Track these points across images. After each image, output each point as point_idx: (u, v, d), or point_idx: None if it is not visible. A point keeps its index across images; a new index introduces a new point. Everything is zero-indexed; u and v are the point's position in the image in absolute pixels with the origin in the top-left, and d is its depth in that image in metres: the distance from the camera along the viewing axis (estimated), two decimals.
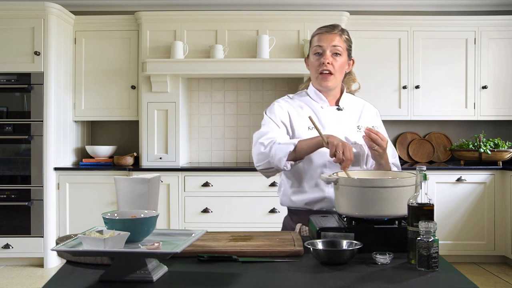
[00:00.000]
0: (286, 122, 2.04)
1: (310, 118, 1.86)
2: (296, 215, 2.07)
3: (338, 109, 2.08)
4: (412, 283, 1.29)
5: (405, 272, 1.37)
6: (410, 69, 4.76)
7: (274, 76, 4.72)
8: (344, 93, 2.11)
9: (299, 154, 1.89)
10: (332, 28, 2.03)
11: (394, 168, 2.02)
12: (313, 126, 1.97)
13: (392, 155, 2.05)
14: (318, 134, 1.84)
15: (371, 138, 1.89)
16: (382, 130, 2.10)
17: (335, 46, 2.00)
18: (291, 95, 2.15)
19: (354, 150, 1.91)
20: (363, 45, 4.73)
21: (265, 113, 2.09)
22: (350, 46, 2.07)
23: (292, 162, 1.90)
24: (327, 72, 2.01)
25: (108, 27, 4.75)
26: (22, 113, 4.42)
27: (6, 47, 4.41)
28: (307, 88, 2.15)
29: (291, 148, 1.87)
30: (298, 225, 2.00)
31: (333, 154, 1.77)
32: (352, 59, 2.11)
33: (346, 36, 2.05)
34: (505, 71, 4.78)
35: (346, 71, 2.09)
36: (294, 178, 2.04)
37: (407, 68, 4.76)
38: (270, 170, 1.96)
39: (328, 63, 1.99)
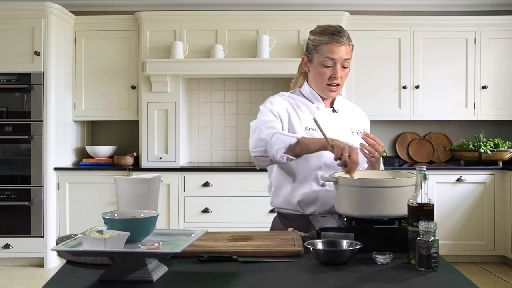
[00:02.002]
0: (284, 118, 1.97)
1: (315, 120, 1.80)
2: (286, 218, 2.03)
3: (333, 111, 2.04)
4: (412, 283, 1.29)
5: (405, 272, 1.37)
6: (410, 69, 4.76)
7: (274, 76, 4.72)
8: (338, 95, 2.07)
9: (299, 151, 1.81)
10: (344, 38, 1.93)
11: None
12: (313, 127, 1.93)
13: None
14: (322, 137, 1.77)
15: (369, 143, 1.85)
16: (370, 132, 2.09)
17: (346, 59, 1.94)
18: (285, 94, 2.08)
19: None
20: (363, 45, 4.73)
21: (262, 106, 2.01)
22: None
23: (289, 156, 1.81)
24: (336, 84, 1.97)
25: (108, 27, 4.75)
26: (22, 113, 4.42)
27: (6, 47, 4.41)
28: (300, 87, 2.10)
29: (293, 140, 1.79)
30: (290, 229, 1.95)
31: (338, 157, 1.71)
32: None
33: (352, 44, 1.98)
34: (505, 71, 4.78)
35: None
36: (287, 178, 1.99)
37: (407, 68, 4.76)
38: (264, 159, 1.87)
39: (339, 77, 1.95)
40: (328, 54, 1.93)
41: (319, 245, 1.49)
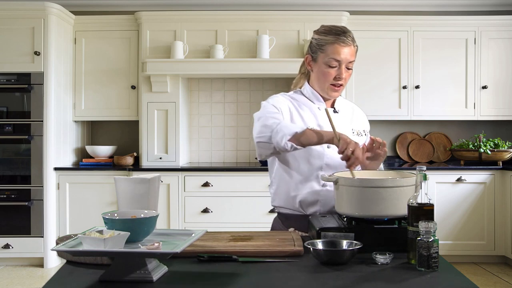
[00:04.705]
0: (286, 116, 1.95)
1: (326, 110, 1.80)
2: (287, 219, 2.02)
3: (335, 111, 2.03)
4: (412, 283, 1.29)
5: (405, 272, 1.37)
6: (410, 69, 4.76)
7: (274, 76, 4.72)
8: (339, 96, 2.06)
9: (304, 140, 1.78)
10: (349, 39, 1.93)
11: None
12: (315, 128, 1.93)
13: None
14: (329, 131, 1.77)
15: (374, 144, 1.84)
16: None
17: (351, 62, 1.94)
18: (287, 93, 2.07)
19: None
20: (363, 45, 4.69)
21: (265, 102, 1.98)
22: None
23: (293, 145, 1.78)
24: (339, 85, 1.96)
25: (108, 27, 4.75)
26: (22, 113, 4.42)
27: (6, 47, 4.41)
28: (301, 87, 2.08)
29: (299, 129, 1.78)
30: (291, 230, 1.94)
31: (342, 151, 1.71)
32: None
33: (356, 45, 1.97)
34: (505, 71, 4.78)
35: None
36: (288, 177, 1.98)
37: (407, 68, 4.76)
38: (268, 147, 1.82)
39: (343, 78, 1.94)
40: (334, 55, 1.92)
41: (319, 245, 1.49)
